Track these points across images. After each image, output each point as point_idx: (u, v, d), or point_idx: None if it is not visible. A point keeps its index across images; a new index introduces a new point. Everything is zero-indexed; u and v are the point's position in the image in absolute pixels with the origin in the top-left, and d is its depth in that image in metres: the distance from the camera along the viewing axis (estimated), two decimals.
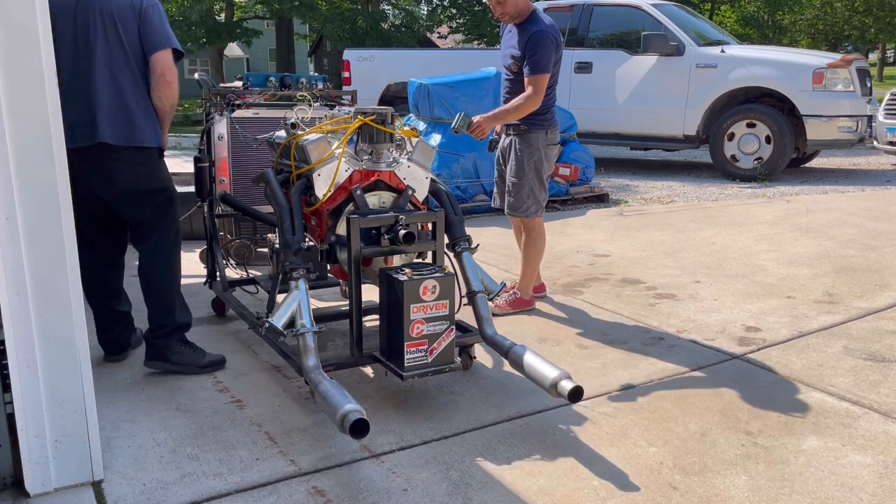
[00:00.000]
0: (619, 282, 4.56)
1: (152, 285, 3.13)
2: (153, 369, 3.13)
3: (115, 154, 2.96)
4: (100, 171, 3.00)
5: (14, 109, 2.03)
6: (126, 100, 2.97)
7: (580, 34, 9.59)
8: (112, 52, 2.95)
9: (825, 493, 2.25)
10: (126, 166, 3.00)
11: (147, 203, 3.09)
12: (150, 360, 3.14)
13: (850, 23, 33.33)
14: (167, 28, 3.05)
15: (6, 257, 2.05)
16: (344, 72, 10.88)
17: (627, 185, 8.53)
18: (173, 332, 3.13)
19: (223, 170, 3.84)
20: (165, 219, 3.13)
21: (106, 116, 2.93)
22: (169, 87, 3.06)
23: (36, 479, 2.19)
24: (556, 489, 2.27)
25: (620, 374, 3.15)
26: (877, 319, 3.81)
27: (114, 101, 2.95)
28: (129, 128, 2.97)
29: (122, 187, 3.05)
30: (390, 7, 30.58)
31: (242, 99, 3.91)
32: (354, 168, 2.90)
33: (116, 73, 2.96)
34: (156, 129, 3.08)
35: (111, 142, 2.94)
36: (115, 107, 2.95)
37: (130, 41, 2.97)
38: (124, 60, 2.96)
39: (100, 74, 2.94)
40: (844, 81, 8.34)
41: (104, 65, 2.94)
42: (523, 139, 3.83)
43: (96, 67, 2.94)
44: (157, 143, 3.09)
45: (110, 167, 2.99)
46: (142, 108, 3.01)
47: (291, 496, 2.23)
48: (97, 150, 2.94)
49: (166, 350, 3.11)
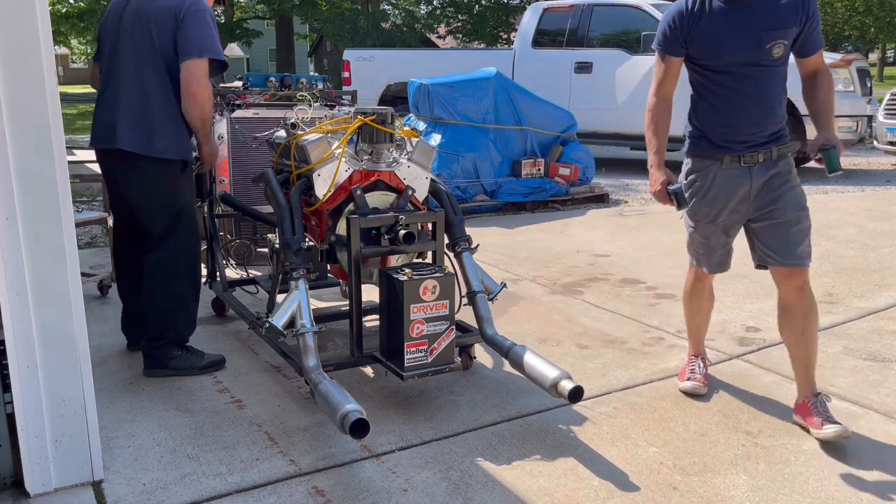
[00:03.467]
0: (619, 282, 4.56)
1: (153, 297, 3.06)
2: (153, 377, 3.09)
3: (132, 161, 2.89)
4: (119, 175, 2.98)
5: (14, 109, 2.03)
6: (151, 107, 2.87)
7: (580, 34, 9.59)
8: (142, 57, 2.86)
9: (825, 493, 2.25)
10: (142, 176, 2.92)
11: (157, 217, 3.00)
12: (150, 368, 3.09)
13: (850, 23, 33.33)
14: (204, 37, 2.87)
15: (6, 257, 2.05)
16: (344, 72, 10.88)
17: (627, 185, 8.52)
18: (171, 343, 3.09)
19: (223, 170, 3.85)
20: (174, 234, 3.03)
21: (126, 122, 2.86)
22: (194, 100, 2.89)
23: (36, 479, 2.18)
24: (556, 489, 2.27)
25: (620, 374, 3.15)
26: (877, 319, 3.81)
27: (137, 106, 2.87)
28: (149, 136, 2.87)
29: (135, 195, 2.99)
30: (390, 7, 30.58)
31: (242, 99, 3.91)
32: (354, 168, 2.90)
33: (144, 78, 2.87)
34: (181, 141, 2.97)
35: (128, 149, 2.87)
36: (138, 113, 2.87)
37: (164, 47, 2.86)
38: (154, 66, 2.87)
39: (126, 78, 2.87)
40: (844, 81, 8.34)
41: (133, 68, 2.87)
42: (788, 160, 2.66)
43: (123, 70, 2.88)
44: (181, 155, 2.97)
45: (127, 173, 2.94)
46: (168, 117, 2.90)
47: (291, 496, 2.23)
48: (118, 155, 2.90)
49: (164, 358, 3.08)
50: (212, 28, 2.91)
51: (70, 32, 25.77)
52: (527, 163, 7.21)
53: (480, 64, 7.86)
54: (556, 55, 9.72)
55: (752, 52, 2.52)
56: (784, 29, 2.50)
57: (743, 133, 2.61)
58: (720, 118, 2.64)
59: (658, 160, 2.75)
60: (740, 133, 2.61)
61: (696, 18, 2.59)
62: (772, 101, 2.59)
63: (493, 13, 26.80)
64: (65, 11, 23.83)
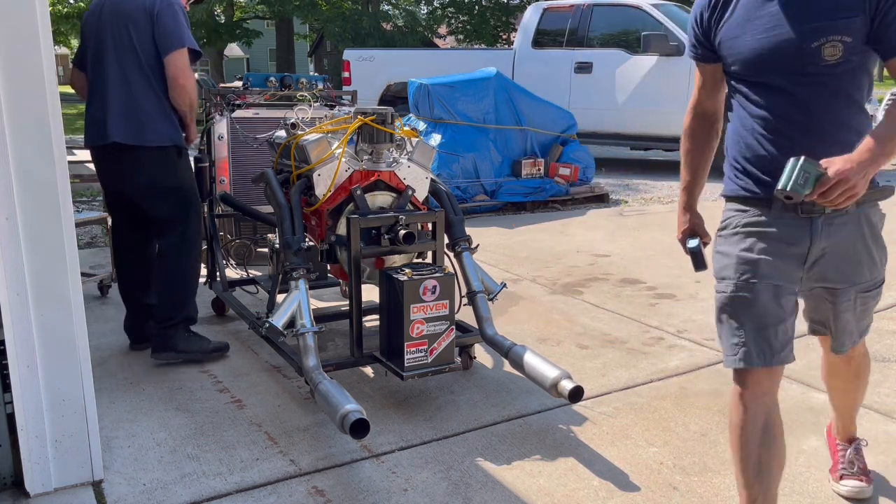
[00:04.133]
0: (619, 282, 4.56)
1: (165, 279, 3.21)
2: (161, 360, 3.18)
3: (128, 153, 3.04)
4: (117, 169, 3.11)
5: (14, 109, 2.03)
6: (138, 101, 3.02)
7: (580, 34, 9.58)
8: (124, 55, 3.02)
9: (826, 493, 2.24)
10: (141, 164, 3.07)
11: (163, 200, 3.15)
12: (158, 351, 3.20)
13: None
14: (181, 29, 3.05)
15: (6, 257, 2.05)
16: (344, 72, 10.88)
17: (628, 184, 8.52)
18: (180, 323, 3.21)
19: (223, 170, 3.85)
20: (183, 215, 3.19)
21: (117, 117, 3.01)
22: (183, 90, 3.08)
23: (36, 479, 2.18)
24: (556, 489, 2.27)
25: (620, 374, 3.15)
26: (877, 319, 3.78)
27: (125, 102, 3.02)
28: (140, 127, 3.03)
29: (138, 185, 3.13)
30: (390, 7, 30.57)
31: (242, 99, 3.91)
32: (354, 168, 2.90)
33: (128, 75, 3.02)
34: (172, 128, 3.13)
35: (122, 141, 3.01)
36: (127, 108, 3.02)
37: (143, 44, 3.01)
38: (136, 63, 3.02)
39: (112, 76, 3.02)
40: None
41: (116, 67, 3.02)
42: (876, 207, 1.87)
43: (109, 70, 3.03)
44: (174, 141, 3.14)
45: (125, 165, 3.08)
46: (156, 108, 3.06)
47: (291, 496, 2.23)
48: (112, 149, 3.04)
49: (173, 340, 3.18)
50: (184, 21, 3.09)
51: (70, 32, 25.78)
52: (527, 163, 7.21)
53: (481, 64, 7.86)
54: (557, 55, 9.72)
55: (792, 53, 1.70)
56: (841, 20, 1.65)
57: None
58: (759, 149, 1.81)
59: (685, 199, 2.11)
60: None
61: (722, 11, 1.83)
62: (828, 125, 1.74)
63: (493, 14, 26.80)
64: (65, 11, 23.85)
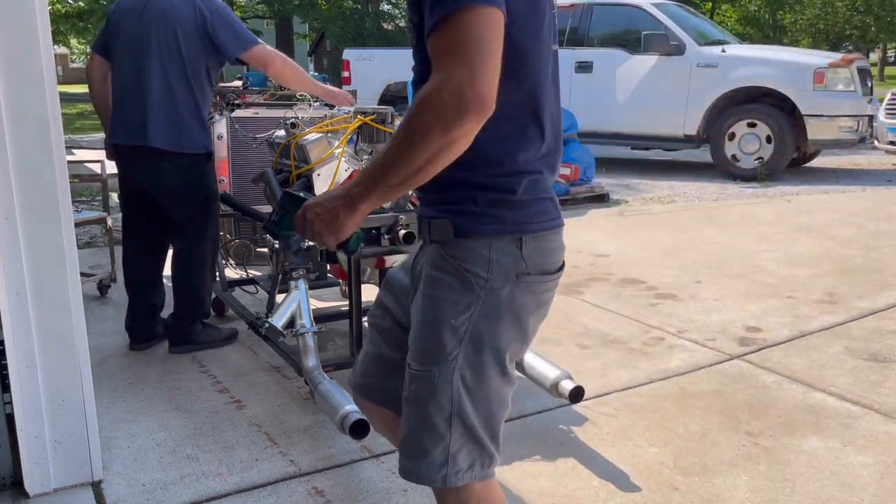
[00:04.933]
0: (619, 282, 4.56)
1: (185, 279, 3.32)
2: (179, 353, 3.30)
3: (163, 157, 3.12)
4: (149, 171, 3.18)
5: (14, 109, 2.02)
6: (179, 109, 3.10)
7: (580, 34, 9.57)
8: (169, 63, 3.07)
9: (826, 493, 2.24)
10: (174, 168, 3.16)
11: (189, 203, 3.24)
12: (177, 345, 3.33)
13: (851, 22, 33.28)
14: (243, 28, 3.16)
15: (6, 257, 2.05)
16: (344, 71, 10.88)
17: (628, 184, 8.52)
18: (198, 319, 3.37)
19: (223, 170, 3.85)
20: (204, 219, 3.29)
21: (157, 123, 3.08)
22: (283, 74, 3.23)
23: (35, 480, 2.18)
24: (556, 490, 2.27)
25: (621, 374, 3.15)
26: (878, 319, 3.81)
27: (167, 108, 3.09)
28: (178, 134, 3.11)
29: (167, 187, 3.21)
30: (391, 6, 30.56)
31: (242, 99, 3.91)
32: (354, 168, 2.90)
33: (172, 82, 3.09)
34: (206, 136, 3.26)
35: (161, 146, 3.09)
36: (168, 114, 3.09)
37: (190, 54, 3.08)
38: (181, 71, 3.09)
39: (155, 82, 3.08)
40: (845, 81, 8.33)
41: (160, 73, 3.07)
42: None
43: (152, 75, 3.07)
44: (207, 148, 3.26)
45: (159, 168, 3.15)
46: (193, 116, 3.15)
47: (291, 496, 2.23)
48: (148, 152, 3.11)
49: (192, 334, 3.34)
50: (236, 19, 3.18)
51: (70, 32, 25.78)
52: None
53: None
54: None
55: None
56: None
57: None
58: None
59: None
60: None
61: None
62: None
63: None
64: (65, 11, 23.83)
